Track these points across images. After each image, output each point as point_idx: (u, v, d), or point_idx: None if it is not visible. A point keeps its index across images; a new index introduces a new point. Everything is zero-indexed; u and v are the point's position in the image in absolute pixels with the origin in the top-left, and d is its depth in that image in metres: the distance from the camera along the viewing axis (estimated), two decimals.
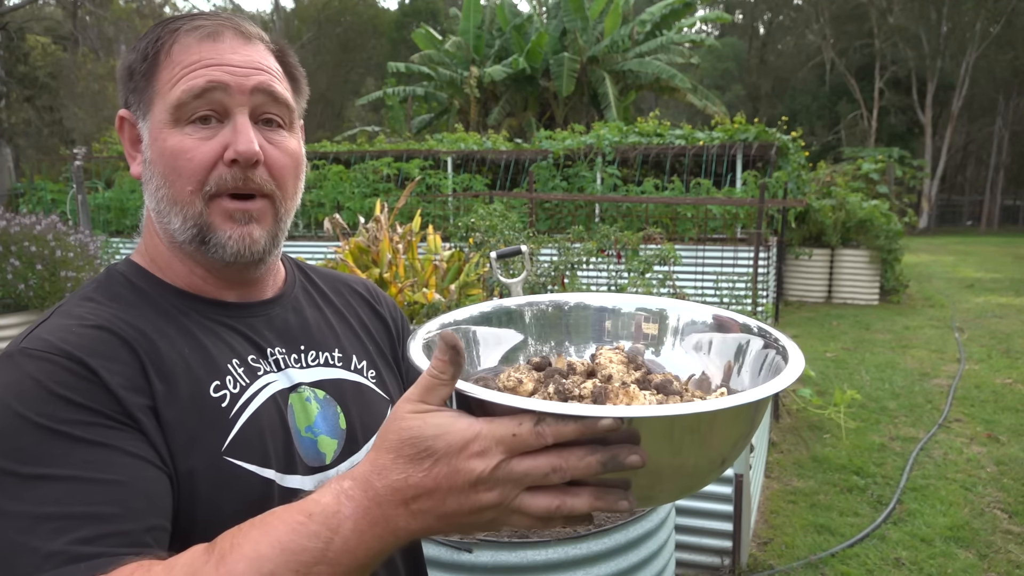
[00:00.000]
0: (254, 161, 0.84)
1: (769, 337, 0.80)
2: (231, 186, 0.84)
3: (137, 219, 14.10)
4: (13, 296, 5.29)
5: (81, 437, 0.70)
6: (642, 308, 0.91)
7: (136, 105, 0.87)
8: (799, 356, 0.74)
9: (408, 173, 12.01)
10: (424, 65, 21.26)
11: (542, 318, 0.91)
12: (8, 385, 0.72)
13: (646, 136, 11.79)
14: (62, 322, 0.80)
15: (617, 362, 0.76)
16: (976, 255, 20.52)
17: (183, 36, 0.84)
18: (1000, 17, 31.41)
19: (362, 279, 1.17)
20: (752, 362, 0.80)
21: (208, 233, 0.85)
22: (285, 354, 0.93)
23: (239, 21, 0.88)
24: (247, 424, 0.83)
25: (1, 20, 17.24)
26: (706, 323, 0.88)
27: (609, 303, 0.92)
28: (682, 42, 22.75)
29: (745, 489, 3.23)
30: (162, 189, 0.85)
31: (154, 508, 0.72)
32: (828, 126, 37.39)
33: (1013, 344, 8.48)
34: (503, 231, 4.32)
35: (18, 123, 18.23)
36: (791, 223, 11.05)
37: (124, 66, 0.88)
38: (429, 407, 0.62)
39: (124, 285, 0.89)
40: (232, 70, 0.83)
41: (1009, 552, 3.67)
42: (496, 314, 0.89)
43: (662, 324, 0.89)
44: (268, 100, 0.86)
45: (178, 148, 0.83)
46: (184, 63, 0.83)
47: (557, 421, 0.58)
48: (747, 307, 5.98)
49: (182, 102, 0.82)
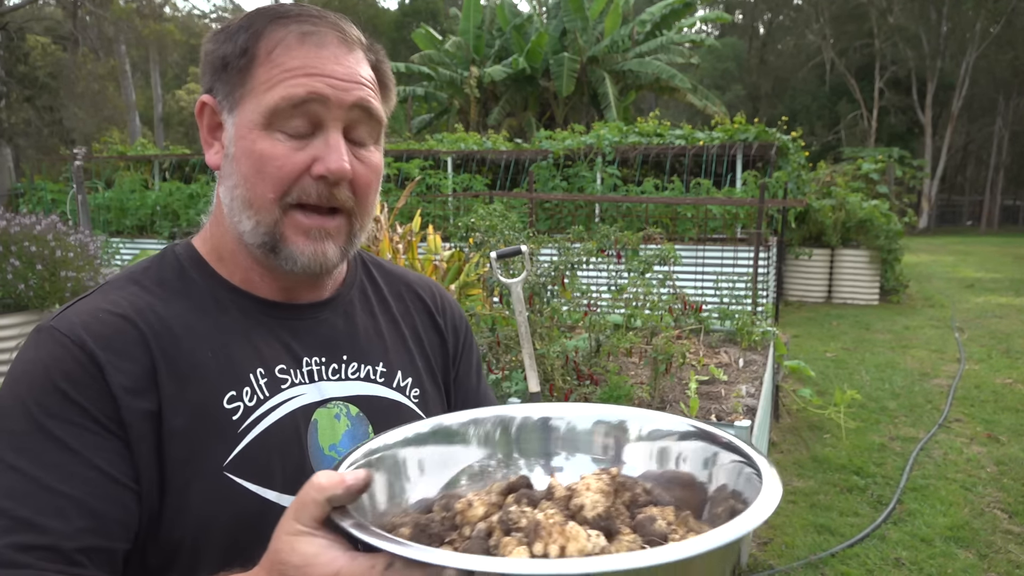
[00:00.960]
0: (343, 179, 0.82)
1: (740, 452, 0.70)
2: (314, 200, 0.82)
3: (137, 219, 14.07)
4: (13, 296, 5.29)
5: (59, 438, 0.72)
6: (601, 421, 0.81)
7: (224, 96, 0.84)
8: (774, 478, 0.64)
9: (408, 173, 12.01)
10: (424, 65, 21.27)
11: (488, 438, 0.81)
12: (28, 362, 0.77)
13: (646, 136, 11.79)
14: (97, 303, 0.81)
15: (595, 490, 0.64)
16: (976, 255, 20.51)
17: (286, 36, 0.81)
18: (1000, 17, 31.40)
19: (430, 283, 1.11)
20: (724, 475, 0.71)
21: (280, 244, 0.83)
22: (323, 364, 0.90)
23: (341, 24, 0.84)
24: (256, 440, 0.82)
25: (1, 20, 17.24)
26: (676, 433, 0.77)
27: (562, 415, 0.82)
28: (682, 42, 22.75)
29: None
30: (239, 188, 0.83)
31: (99, 529, 0.72)
32: (828, 126, 37.39)
33: (1013, 344, 8.48)
34: (503, 231, 4.32)
35: (18, 123, 18.23)
36: (791, 223, 11.04)
37: (217, 54, 0.83)
38: (302, 529, 0.59)
39: (175, 270, 0.88)
40: (334, 83, 0.80)
41: (1009, 552, 3.67)
42: (435, 434, 0.80)
43: (621, 437, 0.80)
44: (363, 116, 0.84)
45: (268, 154, 0.80)
46: (285, 67, 0.80)
47: (405, 567, 0.54)
48: (747, 307, 5.98)
49: (279, 108, 0.79)
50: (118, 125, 26.35)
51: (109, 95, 25.77)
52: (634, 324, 4.70)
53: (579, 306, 4.64)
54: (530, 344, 1.98)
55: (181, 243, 0.92)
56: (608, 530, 0.60)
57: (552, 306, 4.10)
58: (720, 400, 3.93)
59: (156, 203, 13.05)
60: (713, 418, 3.64)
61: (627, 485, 0.68)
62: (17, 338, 5.09)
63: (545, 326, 3.93)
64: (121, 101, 26.04)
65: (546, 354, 3.65)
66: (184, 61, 32.10)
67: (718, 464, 0.72)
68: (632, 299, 4.75)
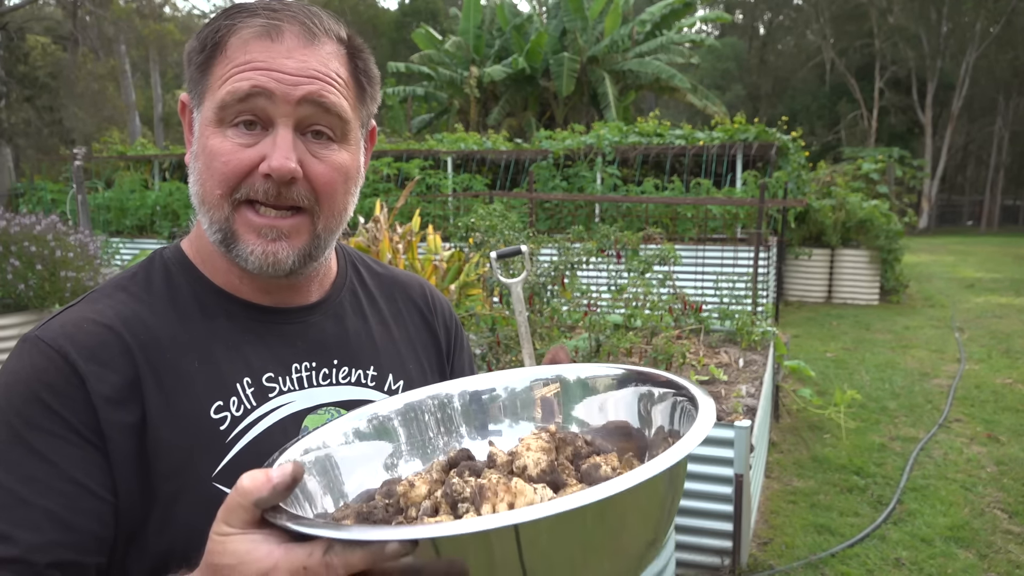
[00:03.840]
0: (289, 178, 0.79)
1: (676, 386, 0.70)
2: (262, 198, 0.80)
3: (137, 219, 14.06)
4: (13, 296, 5.29)
5: (38, 450, 0.72)
6: (537, 379, 0.81)
7: (193, 94, 0.83)
8: (709, 404, 0.63)
9: (408, 173, 12.01)
10: (424, 65, 21.27)
11: (429, 419, 0.80)
12: (11, 372, 0.77)
13: (646, 136, 11.79)
14: (83, 312, 0.81)
15: (536, 448, 0.64)
16: (976, 255, 20.51)
17: (242, 30, 0.79)
18: (1000, 17, 31.39)
19: (421, 282, 1.10)
20: (661, 416, 0.71)
21: (232, 241, 0.82)
22: (314, 369, 0.89)
23: (308, 15, 0.81)
24: (245, 450, 0.81)
25: (1, 20, 17.24)
26: (610, 378, 0.78)
27: (498, 383, 0.82)
28: (682, 42, 22.74)
29: (745, 489, 3.23)
30: (196, 185, 0.82)
31: (72, 543, 0.71)
32: (828, 126, 37.38)
33: (1013, 344, 8.48)
34: (503, 231, 4.32)
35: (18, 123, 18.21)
36: (791, 223, 11.04)
37: (186, 52, 0.83)
38: (231, 531, 0.58)
39: (162, 276, 0.87)
40: (280, 76, 0.78)
41: (1009, 552, 3.67)
42: (371, 422, 0.78)
43: (563, 385, 0.80)
44: (318, 111, 0.80)
45: (217, 150, 0.79)
46: (236, 61, 0.78)
47: (345, 549, 0.52)
48: (747, 307, 5.99)
49: (225, 103, 0.78)
50: (118, 125, 26.34)
51: (109, 95, 25.75)
52: (634, 324, 4.70)
53: (579, 306, 4.64)
54: (530, 344, 1.98)
55: (170, 246, 0.91)
56: (555, 483, 0.61)
57: (552, 306, 4.10)
58: (720, 400, 3.93)
59: (156, 203, 13.06)
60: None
61: (568, 440, 0.67)
62: (17, 338, 5.10)
63: (545, 326, 3.93)
64: (121, 101, 26.02)
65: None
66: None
67: (655, 404, 0.72)
68: (632, 299, 4.75)
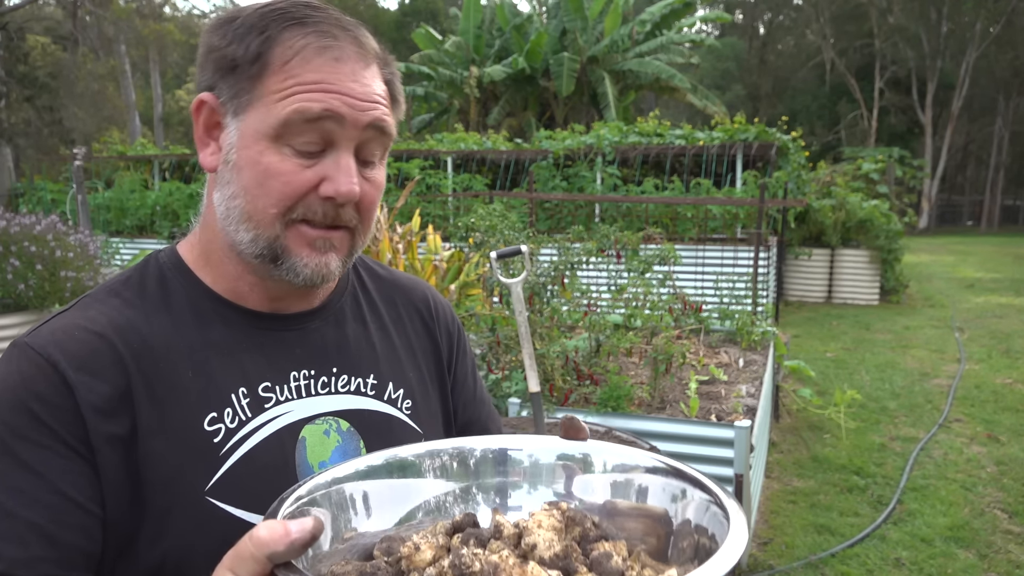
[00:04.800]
0: (351, 201, 0.80)
1: (706, 489, 0.66)
2: (319, 219, 0.80)
3: (137, 219, 14.04)
4: (13, 296, 5.29)
5: (24, 461, 0.71)
6: (563, 455, 0.78)
7: (229, 98, 0.79)
8: (741, 520, 0.60)
9: (408, 173, 12.02)
10: (424, 65, 21.28)
11: (445, 471, 0.77)
12: (1, 379, 0.75)
13: (646, 136, 11.79)
14: (75, 319, 0.79)
15: (547, 527, 0.62)
16: (976, 255, 20.51)
17: (304, 47, 0.77)
18: (1000, 17, 31.40)
19: (422, 286, 1.09)
20: (691, 511, 0.67)
21: (283, 257, 0.80)
22: (312, 377, 0.88)
23: (359, 35, 0.81)
24: (239, 464, 0.79)
25: (1, 20, 17.24)
26: (642, 468, 0.74)
27: (523, 447, 0.79)
28: (682, 42, 22.75)
29: (745, 489, 3.23)
30: (239, 199, 0.79)
31: (57, 557, 0.70)
32: (828, 126, 37.38)
33: (1013, 344, 8.48)
34: (503, 231, 4.31)
35: (18, 123, 18.23)
36: (791, 223, 11.05)
37: (225, 54, 0.78)
38: None
39: (157, 280, 0.85)
40: (351, 102, 0.77)
41: (1009, 552, 3.67)
42: (388, 467, 0.76)
43: (584, 470, 0.77)
44: (377, 135, 0.81)
45: (275, 169, 0.77)
46: (301, 79, 0.76)
47: None
48: (747, 307, 5.99)
49: (291, 122, 0.76)
50: (118, 125, 26.36)
51: (109, 95, 25.77)
52: (634, 324, 4.70)
53: (579, 306, 4.64)
54: (530, 344, 1.98)
55: (165, 249, 0.89)
56: (566, 570, 0.59)
57: (552, 306, 4.10)
58: (720, 400, 3.93)
59: (156, 203, 13.05)
60: (713, 418, 3.64)
61: (576, 519, 0.65)
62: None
63: (545, 326, 3.93)
64: (121, 101, 26.04)
65: (546, 354, 3.65)
66: (184, 61, 32.09)
67: (684, 500, 0.69)
68: (632, 299, 4.75)
